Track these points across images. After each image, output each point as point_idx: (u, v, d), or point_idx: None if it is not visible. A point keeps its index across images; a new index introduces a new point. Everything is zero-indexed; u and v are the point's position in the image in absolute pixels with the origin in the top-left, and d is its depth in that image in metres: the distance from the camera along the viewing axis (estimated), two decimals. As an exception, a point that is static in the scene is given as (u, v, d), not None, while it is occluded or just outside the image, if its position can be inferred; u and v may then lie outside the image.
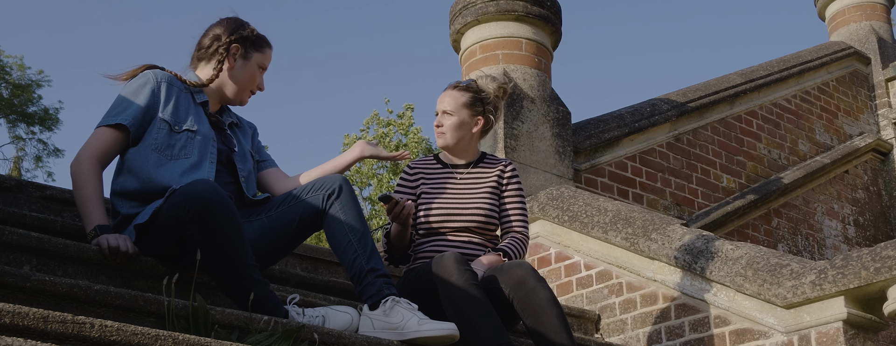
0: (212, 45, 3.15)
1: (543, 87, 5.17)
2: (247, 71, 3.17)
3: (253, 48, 3.17)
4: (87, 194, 2.86)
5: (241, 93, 3.20)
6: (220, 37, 3.15)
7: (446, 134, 3.44)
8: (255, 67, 3.18)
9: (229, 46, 3.14)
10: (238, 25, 3.18)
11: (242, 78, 3.17)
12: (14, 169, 24.10)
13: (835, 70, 7.52)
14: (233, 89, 3.17)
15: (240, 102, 3.22)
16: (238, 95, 3.19)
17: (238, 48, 3.15)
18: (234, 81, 3.16)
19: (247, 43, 3.16)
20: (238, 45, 3.15)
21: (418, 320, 2.76)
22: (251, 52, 3.17)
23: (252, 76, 3.18)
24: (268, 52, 3.22)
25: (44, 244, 2.69)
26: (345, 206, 2.97)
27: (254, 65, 3.17)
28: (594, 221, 4.29)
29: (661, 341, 3.94)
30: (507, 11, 5.17)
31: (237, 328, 2.51)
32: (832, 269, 3.37)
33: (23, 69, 24.59)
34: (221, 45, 3.13)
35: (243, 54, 3.16)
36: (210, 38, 3.17)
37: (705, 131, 6.18)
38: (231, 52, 3.14)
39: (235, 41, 3.14)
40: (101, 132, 2.96)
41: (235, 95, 3.19)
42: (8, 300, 2.24)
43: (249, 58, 3.17)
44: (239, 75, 3.16)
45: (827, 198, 6.87)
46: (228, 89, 3.17)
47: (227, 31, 3.15)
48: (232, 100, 3.21)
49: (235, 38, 3.15)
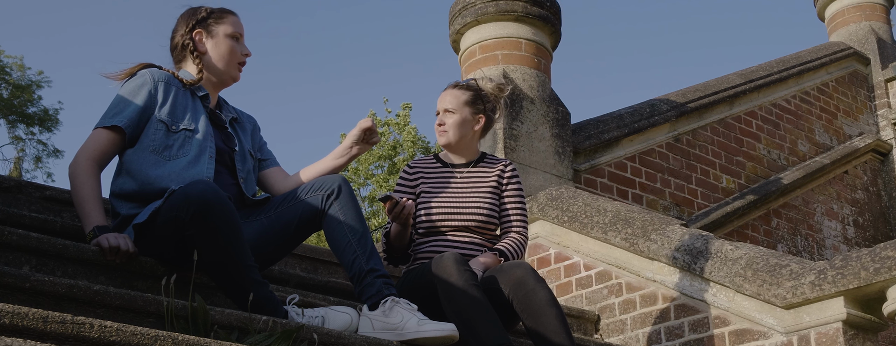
0: (179, 42, 3.18)
1: (543, 87, 5.17)
2: (220, 47, 3.16)
3: (214, 23, 3.17)
4: (85, 195, 2.87)
5: (228, 69, 3.19)
6: (182, 32, 3.17)
7: (448, 132, 3.44)
8: (226, 40, 3.17)
9: (192, 35, 3.16)
10: (191, 13, 3.20)
11: (220, 55, 3.17)
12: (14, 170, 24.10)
13: (834, 71, 7.52)
14: (218, 70, 3.18)
15: (232, 78, 3.22)
16: (226, 72, 3.20)
17: (200, 33, 3.16)
18: (216, 62, 3.17)
19: (205, 23, 3.17)
20: (199, 29, 3.16)
21: (418, 320, 2.76)
22: (214, 28, 3.17)
23: (229, 49, 3.17)
24: (230, 18, 3.21)
25: (43, 245, 2.69)
26: (344, 206, 2.97)
27: (223, 38, 3.17)
28: (594, 221, 4.29)
29: (660, 341, 3.94)
30: (507, 12, 5.17)
31: (236, 329, 2.51)
32: (832, 269, 3.37)
33: (23, 70, 24.60)
34: (186, 37, 3.16)
35: (208, 34, 3.16)
36: (177, 37, 3.19)
37: (705, 132, 6.18)
38: (196, 39, 3.16)
39: (195, 27, 3.16)
40: (97, 134, 2.97)
41: (224, 75, 3.20)
42: (7, 300, 2.24)
43: (215, 34, 3.17)
44: (216, 55, 3.17)
45: (826, 198, 6.87)
46: (215, 73, 3.18)
47: (185, 23, 3.18)
48: (224, 80, 3.21)
49: (193, 24, 3.16)
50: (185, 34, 3.16)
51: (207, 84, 3.19)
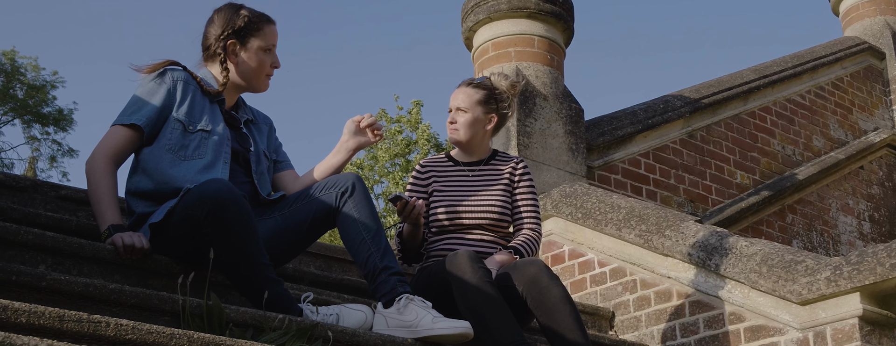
0: (212, 45, 3.13)
1: (556, 84, 5.16)
2: (251, 60, 3.12)
3: (250, 35, 3.11)
4: (101, 192, 2.87)
5: (256, 81, 3.16)
6: (216, 35, 3.11)
7: (459, 130, 3.44)
8: (258, 53, 3.12)
9: (226, 45, 3.11)
10: (230, 17, 3.12)
11: (249, 68, 3.13)
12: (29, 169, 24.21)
13: (849, 65, 7.48)
14: (245, 83, 3.16)
15: (258, 89, 3.19)
16: (253, 85, 3.17)
17: (234, 44, 3.11)
18: (243, 74, 3.13)
19: (242, 33, 3.10)
20: (234, 40, 3.10)
21: (432, 318, 2.76)
22: (249, 40, 3.11)
23: (259, 63, 3.13)
24: (267, 29, 3.14)
25: (59, 244, 2.70)
26: (358, 204, 2.97)
27: (256, 51, 3.12)
28: (608, 218, 4.28)
29: (675, 338, 3.93)
30: (520, 9, 5.16)
31: (251, 327, 2.52)
32: (847, 265, 3.36)
33: (37, 70, 24.72)
34: (219, 45, 3.10)
35: (242, 46, 3.11)
36: (210, 39, 3.13)
37: (719, 128, 6.16)
38: (229, 50, 3.11)
39: (230, 36, 3.10)
40: (115, 131, 2.97)
41: (249, 86, 3.18)
42: (24, 299, 2.25)
43: (249, 48, 3.11)
44: (245, 68, 3.13)
45: (842, 194, 6.84)
46: (241, 84, 3.17)
47: (221, 27, 3.11)
48: (249, 89, 3.19)
49: (230, 32, 3.10)
50: (219, 40, 3.10)
51: (229, 89, 3.17)
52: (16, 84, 24.40)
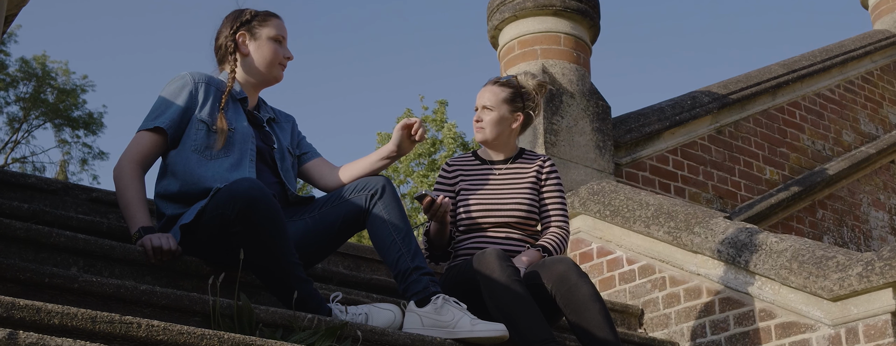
0: (223, 44, 3.21)
1: (582, 81, 5.14)
2: (263, 49, 3.19)
3: (257, 26, 3.20)
4: (129, 197, 2.91)
5: (270, 71, 3.21)
6: (227, 34, 3.20)
7: (486, 129, 3.44)
8: (269, 43, 3.19)
9: (235, 37, 3.19)
10: (236, 15, 3.23)
11: (263, 57, 3.19)
12: (60, 172, 24.46)
13: (879, 59, 7.40)
14: (259, 73, 3.21)
15: (275, 78, 3.24)
16: (267, 74, 3.22)
17: (244, 35, 3.19)
18: (257, 64, 3.19)
19: (249, 25, 3.20)
20: (243, 31, 3.19)
21: (470, 319, 2.78)
22: (257, 31, 3.19)
23: (271, 52, 3.19)
24: (273, 21, 3.23)
25: (90, 246, 2.73)
26: (388, 205, 2.99)
27: (265, 41, 3.19)
28: (636, 215, 4.26)
29: (705, 335, 3.91)
30: (545, 6, 5.15)
31: (281, 327, 2.53)
32: (879, 260, 3.33)
33: (67, 74, 24.97)
34: (229, 41, 3.18)
35: (251, 37, 3.19)
36: (220, 39, 3.22)
37: (747, 123, 6.12)
38: (239, 41, 3.19)
39: (238, 29, 3.19)
40: (140, 136, 3.01)
41: (265, 77, 3.22)
42: (56, 301, 2.28)
43: (258, 37, 3.19)
44: (258, 57, 3.19)
45: (872, 189, 6.77)
46: (255, 75, 3.21)
47: (230, 25, 3.21)
48: (267, 80, 3.24)
49: (237, 26, 3.19)
50: (229, 36, 3.19)
51: (247, 86, 3.22)
52: (46, 88, 24.65)
